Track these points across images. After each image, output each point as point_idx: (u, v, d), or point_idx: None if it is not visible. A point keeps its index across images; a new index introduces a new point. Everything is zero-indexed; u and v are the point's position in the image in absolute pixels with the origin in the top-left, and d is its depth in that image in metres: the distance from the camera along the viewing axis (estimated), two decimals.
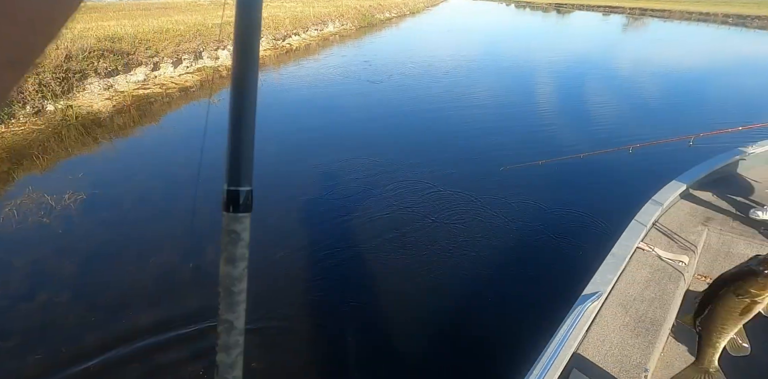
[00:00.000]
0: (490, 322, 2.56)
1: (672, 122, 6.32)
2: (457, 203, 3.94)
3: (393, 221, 3.65)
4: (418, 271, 3.03)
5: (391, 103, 7.56)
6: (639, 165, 4.52)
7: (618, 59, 13.33)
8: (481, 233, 3.47)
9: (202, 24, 12.08)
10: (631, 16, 39.68)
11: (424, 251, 3.24)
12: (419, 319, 2.63)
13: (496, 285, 2.88)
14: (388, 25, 25.79)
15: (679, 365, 1.51)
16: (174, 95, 8.16)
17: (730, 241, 2.00)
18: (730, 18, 30.91)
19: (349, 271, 3.04)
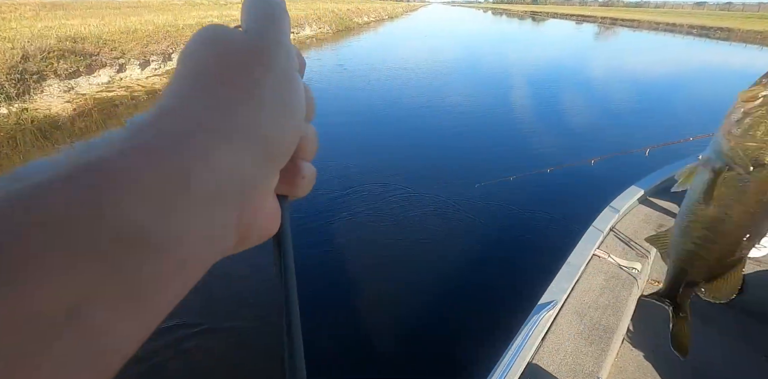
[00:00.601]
0: (447, 334, 2.51)
1: (632, 133, 6.47)
2: (425, 219, 3.90)
3: (346, 231, 3.57)
4: (378, 277, 2.95)
5: (364, 110, 7.50)
6: (602, 175, 4.62)
7: (585, 70, 13.68)
8: (448, 245, 3.43)
9: (172, 25, 11.75)
10: (602, 25, 41.04)
11: (380, 261, 3.17)
12: (374, 329, 2.56)
13: (455, 297, 2.83)
14: (366, 30, 25.80)
15: (632, 371, 1.56)
16: (141, 98, 7.86)
17: None
18: (695, 29, 32.33)
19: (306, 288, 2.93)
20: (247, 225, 0.17)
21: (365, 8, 37.87)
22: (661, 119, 7.41)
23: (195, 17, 14.82)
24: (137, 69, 8.66)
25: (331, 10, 27.04)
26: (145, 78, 8.61)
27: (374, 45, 18.74)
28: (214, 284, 2.69)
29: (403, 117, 7.08)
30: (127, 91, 7.75)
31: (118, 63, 8.26)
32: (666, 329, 1.84)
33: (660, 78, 11.72)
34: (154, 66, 9.13)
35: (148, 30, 10.29)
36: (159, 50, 9.44)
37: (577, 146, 5.85)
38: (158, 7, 19.55)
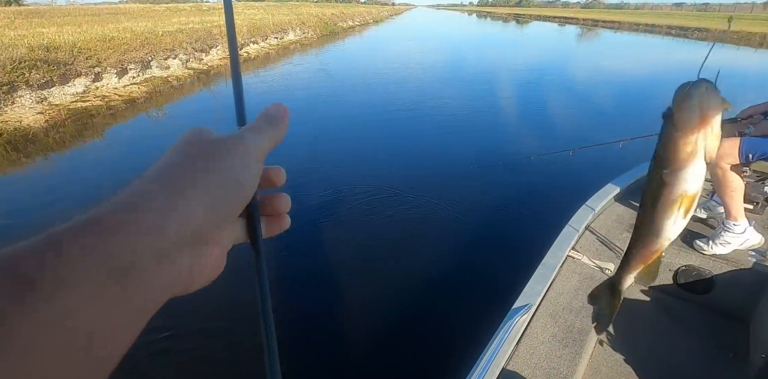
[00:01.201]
0: (420, 341, 2.44)
1: (610, 128, 6.51)
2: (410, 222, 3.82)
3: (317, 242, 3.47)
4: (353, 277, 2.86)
5: (347, 113, 7.42)
6: (580, 172, 4.67)
7: (569, 70, 13.80)
8: (422, 247, 3.36)
9: (151, 32, 11.55)
10: (584, 26, 41.65)
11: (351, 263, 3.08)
12: (346, 335, 2.48)
13: (428, 303, 2.77)
14: (351, 34, 25.78)
15: (606, 371, 1.57)
16: (118, 108, 7.67)
17: None
18: (674, 30, 32.99)
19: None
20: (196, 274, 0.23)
21: (350, 12, 37.91)
22: (640, 114, 7.50)
23: (176, 23, 14.62)
24: (114, 78, 8.46)
25: (315, 14, 26.98)
26: (122, 87, 8.42)
27: (358, 49, 18.70)
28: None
29: (384, 119, 7.02)
30: (103, 100, 7.55)
31: (94, 72, 8.05)
32: (640, 329, 1.83)
33: (639, 76, 11.88)
34: (132, 74, 8.93)
35: (126, 37, 10.09)
36: (137, 58, 9.25)
37: (556, 142, 5.85)
38: (139, 13, 19.27)
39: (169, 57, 10.40)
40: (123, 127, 7.05)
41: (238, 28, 14.94)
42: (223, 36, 13.70)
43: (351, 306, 2.74)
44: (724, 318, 1.89)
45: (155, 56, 9.88)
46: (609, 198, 2.39)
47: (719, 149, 2.07)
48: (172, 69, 10.24)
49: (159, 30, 11.87)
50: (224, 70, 11.82)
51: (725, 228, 1.94)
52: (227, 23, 0.31)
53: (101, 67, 8.25)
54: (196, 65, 11.23)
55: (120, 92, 8.09)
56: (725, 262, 1.91)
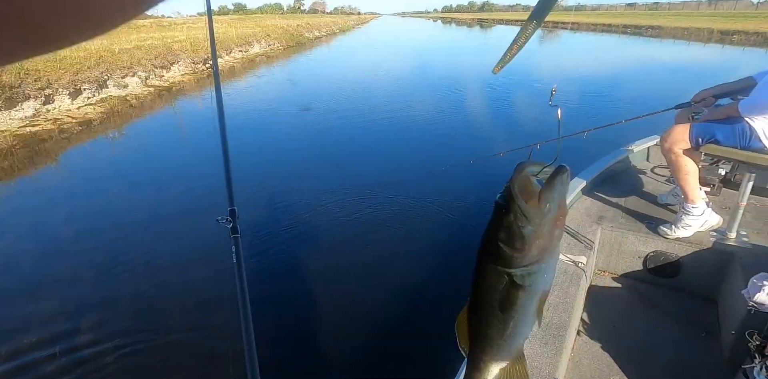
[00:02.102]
0: (401, 350, 2.34)
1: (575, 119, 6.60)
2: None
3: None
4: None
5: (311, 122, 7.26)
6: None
7: (531, 69, 14.08)
8: (400, 251, 3.23)
9: (107, 49, 11.12)
10: (544, 28, 42.92)
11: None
12: (325, 342, 2.37)
13: (407, 311, 2.66)
14: (318, 44, 25.70)
15: (588, 363, 1.62)
16: (72, 131, 7.26)
17: (620, 236, 2.10)
18: (629, 28, 34.38)
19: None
20: None
21: (315, 23, 37.90)
22: (601, 109, 7.65)
23: (134, 40, 14.16)
24: (67, 99, 8.03)
25: (280, 26, 26.80)
26: (76, 108, 8.00)
27: (325, 59, 18.60)
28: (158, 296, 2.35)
29: (351, 126, 6.89)
30: (54, 123, 7.14)
31: (45, 94, 7.62)
32: (616, 316, 1.88)
33: (598, 73, 12.21)
34: (87, 94, 8.51)
35: (79, 57, 9.65)
36: (92, 77, 8.84)
37: (523, 138, 5.85)
38: None
39: (127, 75, 10.01)
40: (78, 150, 6.67)
41: (199, 42, 14.61)
42: (185, 51, 13.35)
43: (326, 312, 2.64)
44: (693, 299, 1.97)
45: (112, 75, 9.48)
46: (576, 192, 2.42)
47: (671, 135, 2.08)
48: (131, 87, 9.85)
49: (115, 47, 11.44)
50: (187, 86, 11.47)
51: (685, 211, 2.01)
52: (210, 41, 0.20)
53: (52, 88, 7.83)
54: (157, 82, 10.86)
55: (74, 114, 7.68)
56: (689, 244, 1.97)
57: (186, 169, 5.56)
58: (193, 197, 4.52)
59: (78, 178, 5.55)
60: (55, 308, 2.76)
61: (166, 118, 8.62)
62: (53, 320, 2.62)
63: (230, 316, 1.20)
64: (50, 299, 2.88)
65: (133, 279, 3.01)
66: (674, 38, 26.53)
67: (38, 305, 2.82)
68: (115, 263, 3.21)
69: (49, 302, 2.84)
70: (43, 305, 2.81)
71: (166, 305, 2.70)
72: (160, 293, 2.84)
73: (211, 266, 3.02)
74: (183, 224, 3.87)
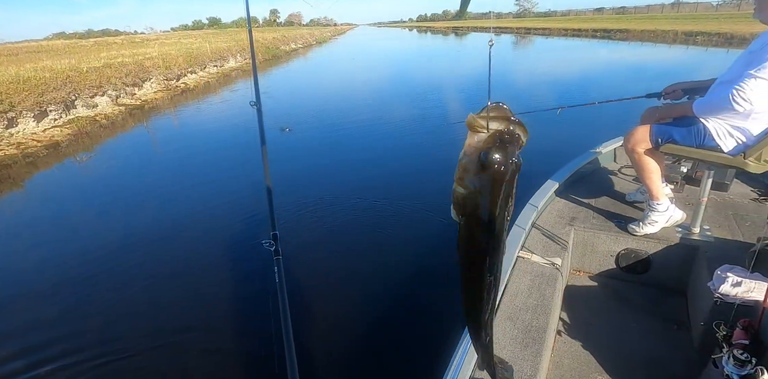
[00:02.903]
0: (381, 358, 2.32)
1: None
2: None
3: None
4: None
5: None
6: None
7: (506, 74, 14.30)
8: (374, 259, 3.13)
9: (75, 68, 10.84)
10: (518, 34, 43.93)
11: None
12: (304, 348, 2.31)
13: (385, 317, 2.64)
14: (294, 57, 25.67)
15: (568, 363, 1.63)
16: (38, 155, 6.99)
17: (593, 236, 2.15)
18: (598, 33, 35.43)
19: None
20: None
21: (291, 35, 37.95)
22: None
23: (104, 58, 13.87)
24: (32, 121, 7.75)
25: (255, 39, 26.70)
26: (42, 131, 7.72)
27: (301, 71, 18.55)
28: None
29: (331, 135, 6.82)
30: (18, 148, 6.86)
31: (7, 117, 7.34)
32: (593, 314, 1.91)
33: (575, 73, 12.47)
34: (53, 116, 8.24)
35: (44, 77, 9.37)
36: (59, 98, 8.57)
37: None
38: (63, 50, 18.19)
39: (96, 94, 9.75)
40: (45, 175, 6.41)
41: (171, 58, 14.40)
42: (157, 68, 13.12)
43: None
44: (664, 293, 2.03)
45: (80, 95, 9.21)
46: (550, 194, 2.47)
47: (633, 136, 2.16)
48: (101, 107, 9.59)
49: (83, 66, 11.16)
50: (160, 103, 11.24)
51: (651, 208, 2.10)
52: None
53: (15, 111, 7.54)
54: (129, 101, 10.61)
55: (39, 137, 7.41)
56: (657, 241, 2.04)
57: (162, 185, 5.37)
58: (177, 215, 4.35)
59: (42, 204, 5.30)
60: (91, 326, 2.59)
61: (138, 137, 8.40)
62: (84, 334, 2.62)
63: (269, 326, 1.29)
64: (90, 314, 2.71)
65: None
66: (642, 41, 27.42)
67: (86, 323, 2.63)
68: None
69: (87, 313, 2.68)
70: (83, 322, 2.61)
71: (211, 320, 2.72)
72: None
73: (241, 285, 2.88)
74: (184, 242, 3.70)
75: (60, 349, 2.52)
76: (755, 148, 1.81)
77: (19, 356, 2.49)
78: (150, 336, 2.55)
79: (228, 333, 2.58)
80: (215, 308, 2.83)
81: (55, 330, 2.70)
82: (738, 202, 2.40)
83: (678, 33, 26.50)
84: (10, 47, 18.22)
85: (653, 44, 24.45)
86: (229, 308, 2.83)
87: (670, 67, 14.30)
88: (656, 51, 21.02)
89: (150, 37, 28.57)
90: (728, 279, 1.49)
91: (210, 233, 3.94)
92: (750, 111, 1.73)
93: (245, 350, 2.42)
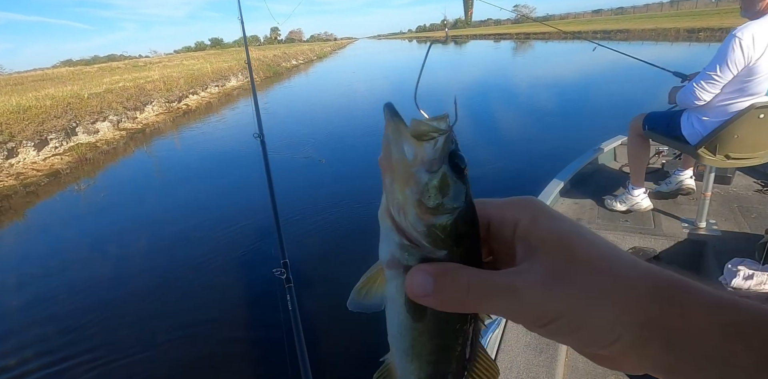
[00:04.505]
0: None
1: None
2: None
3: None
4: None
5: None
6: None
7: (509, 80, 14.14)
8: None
9: (76, 95, 10.91)
10: (517, 40, 43.99)
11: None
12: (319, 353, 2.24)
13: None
14: (296, 73, 25.89)
15: (583, 366, 1.59)
16: (39, 184, 6.93)
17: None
18: (599, 34, 35.29)
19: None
20: None
21: (292, 52, 38.43)
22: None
23: (106, 84, 14.01)
24: (32, 151, 7.73)
25: (256, 57, 27.01)
26: (42, 160, 7.69)
27: (302, 87, 18.62)
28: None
29: (336, 151, 6.66)
30: (17, 179, 6.80)
31: (7, 148, 7.32)
32: None
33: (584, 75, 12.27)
34: (54, 144, 8.22)
35: (45, 105, 9.41)
36: (59, 126, 8.57)
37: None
38: (68, 77, 18.50)
39: (97, 120, 9.77)
40: (46, 205, 6.33)
41: (173, 80, 14.51)
42: (158, 90, 13.20)
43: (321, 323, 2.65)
44: None
45: (81, 121, 9.22)
46: (554, 195, 2.49)
47: (633, 121, 2.49)
48: (102, 132, 9.59)
49: (85, 93, 11.23)
50: (162, 126, 11.25)
51: (627, 190, 2.32)
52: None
53: (15, 141, 7.52)
54: (130, 125, 10.62)
55: (39, 166, 7.36)
56: (665, 238, 2.05)
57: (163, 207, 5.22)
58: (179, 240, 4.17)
59: (45, 235, 5.18)
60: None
61: (139, 162, 8.33)
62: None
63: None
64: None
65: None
66: (642, 40, 27.18)
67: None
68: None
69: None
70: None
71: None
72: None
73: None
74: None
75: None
76: (706, 139, 1.93)
77: None
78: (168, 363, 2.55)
79: (245, 361, 2.57)
80: (232, 340, 2.79)
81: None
82: (742, 194, 2.39)
83: (680, 30, 26.25)
84: (16, 77, 18.60)
85: (654, 43, 24.21)
86: (244, 338, 2.80)
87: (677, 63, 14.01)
88: (662, 49, 20.75)
89: (153, 60, 29.08)
90: (740, 273, 1.48)
91: (222, 264, 3.80)
92: (712, 104, 1.88)
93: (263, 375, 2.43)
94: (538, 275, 0.23)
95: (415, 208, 0.26)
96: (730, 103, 1.85)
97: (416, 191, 0.26)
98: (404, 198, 0.26)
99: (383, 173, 0.27)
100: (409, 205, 0.26)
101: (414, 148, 0.25)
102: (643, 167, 2.26)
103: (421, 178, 0.25)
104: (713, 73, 1.79)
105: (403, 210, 0.26)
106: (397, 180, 0.26)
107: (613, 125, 3.91)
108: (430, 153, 0.25)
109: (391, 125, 0.26)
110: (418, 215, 0.26)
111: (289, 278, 1.45)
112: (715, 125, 1.89)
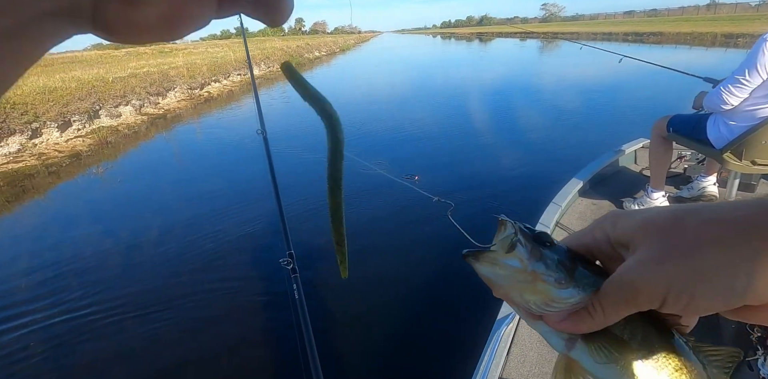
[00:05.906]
0: (408, 362, 2.30)
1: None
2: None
3: None
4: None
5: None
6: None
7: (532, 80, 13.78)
8: (400, 262, 2.89)
9: (101, 78, 11.04)
10: (544, 39, 42.97)
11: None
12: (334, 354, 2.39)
13: (412, 321, 2.64)
14: (318, 64, 25.82)
15: None
16: (61, 164, 7.02)
17: None
18: (630, 36, 34.21)
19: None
20: None
21: (315, 43, 38.36)
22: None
23: (131, 68, 14.17)
24: (56, 132, 7.83)
25: (279, 48, 27.05)
26: (65, 141, 7.79)
27: (323, 78, 18.55)
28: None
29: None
30: (39, 159, 6.90)
31: (31, 128, 7.43)
32: None
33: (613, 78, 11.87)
34: (77, 126, 8.32)
35: (70, 88, 9.54)
36: (83, 108, 8.68)
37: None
38: (96, 60, 18.81)
39: (120, 104, 9.86)
40: (67, 185, 6.41)
41: (196, 67, 14.58)
42: (181, 77, 13.29)
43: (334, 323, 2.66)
44: None
45: (104, 104, 9.33)
46: (573, 194, 2.47)
47: (657, 123, 2.46)
48: (124, 116, 9.68)
49: (109, 76, 11.36)
50: (183, 112, 11.31)
51: (646, 193, 2.28)
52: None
53: (40, 121, 7.64)
54: (152, 110, 10.71)
55: (61, 147, 7.46)
56: None
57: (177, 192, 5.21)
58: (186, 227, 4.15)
59: (63, 215, 5.23)
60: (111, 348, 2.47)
61: (159, 146, 8.38)
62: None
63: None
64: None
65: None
66: (676, 43, 26.19)
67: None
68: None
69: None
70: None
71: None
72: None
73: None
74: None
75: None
76: (732, 143, 1.87)
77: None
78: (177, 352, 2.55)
79: (254, 349, 2.60)
80: (241, 330, 2.79)
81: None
82: None
83: (717, 35, 25.21)
84: (48, 59, 19.01)
85: (689, 47, 23.31)
86: (253, 329, 2.82)
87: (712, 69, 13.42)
88: (703, 54, 19.95)
89: (179, 47, 29.38)
90: None
91: (232, 252, 3.79)
92: (740, 109, 1.84)
93: (272, 366, 2.45)
94: (634, 261, 0.25)
95: (556, 288, 0.29)
96: (758, 108, 1.81)
97: (549, 277, 0.29)
98: (542, 292, 0.29)
99: (509, 303, 0.31)
100: (550, 291, 0.29)
101: (515, 257, 0.30)
102: (664, 170, 2.23)
103: (539, 268, 0.29)
104: (742, 78, 1.74)
105: (547, 300, 0.29)
106: (525, 289, 0.29)
107: (636, 130, 3.80)
108: (525, 251, 0.30)
109: (480, 262, 0.30)
110: (560, 289, 0.29)
111: (295, 269, 1.48)
112: (742, 130, 1.84)
